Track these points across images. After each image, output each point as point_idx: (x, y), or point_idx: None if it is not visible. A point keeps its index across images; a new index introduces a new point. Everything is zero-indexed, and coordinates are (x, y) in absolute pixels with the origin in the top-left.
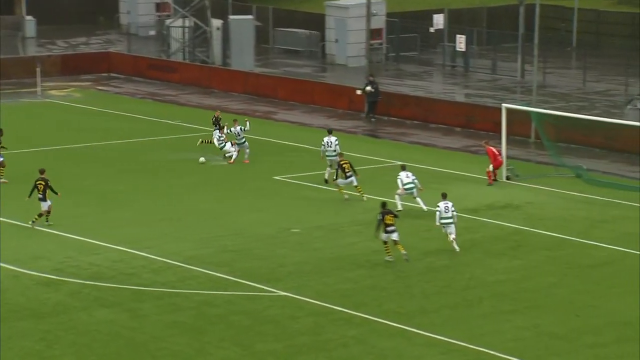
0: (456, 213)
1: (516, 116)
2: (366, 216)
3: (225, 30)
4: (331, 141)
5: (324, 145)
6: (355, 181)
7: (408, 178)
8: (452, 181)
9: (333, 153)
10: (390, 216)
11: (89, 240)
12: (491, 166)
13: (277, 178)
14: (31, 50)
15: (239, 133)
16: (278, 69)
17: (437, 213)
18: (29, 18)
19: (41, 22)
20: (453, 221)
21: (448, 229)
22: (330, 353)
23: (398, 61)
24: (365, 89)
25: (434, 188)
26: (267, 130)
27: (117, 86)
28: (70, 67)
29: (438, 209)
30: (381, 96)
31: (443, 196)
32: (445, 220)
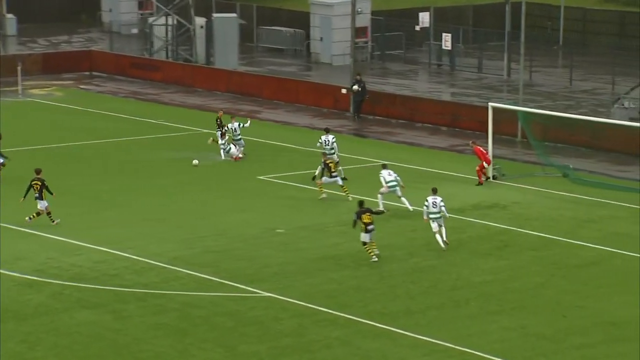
0: (445, 208)
1: (503, 115)
2: (351, 216)
3: (208, 28)
4: (328, 139)
5: (321, 143)
6: (340, 181)
7: (390, 176)
8: (439, 181)
9: (331, 151)
10: (367, 215)
11: (71, 240)
12: (484, 163)
13: (262, 178)
14: (12, 48)
15: (236, 129)
16: (262, 68)
17: (425, 208)
18: (10, 16)
19: (22, 20)
20: (441, 216)
21: (438, 222)
22: (314, 354)
23: (383, 60)
24: (352, 88)
25: (420, 188)
26: (251, 129)
27: (99, 85)
28: (51, 66)
29: (426, 204)
30: (368, 95)
31: (433, 191)
32: (433, 215)
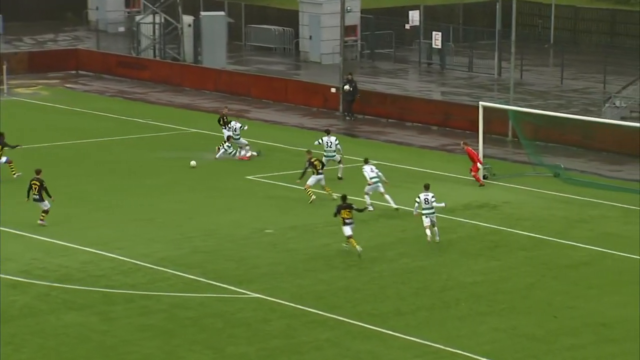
0: (436, 204)
1: (493, 114)
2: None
3: (196, 26)
4: (331, 141)
5: (320, 143)
6: (323, 180)
7: (372, 172)
8: (429, 180)
9: (333, 153)
10: (346, 211)
11: (57, 241)
12: (478, 164)
13: (250, 178)
14: None
15: (237, 129)
16: (251, 67)
17: (416, 204)
18: None
19: (7, 19)
20: (435, 212)
21: (430, 218)
22: (303, 356)
23: (373, 58)
24: (343, 88)
25: (411, 188)
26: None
27: (86, 84)
28: (37, 65)
29: (418, 200)
30: (359, 94)
31: (425, 187)
32: (426, 211)
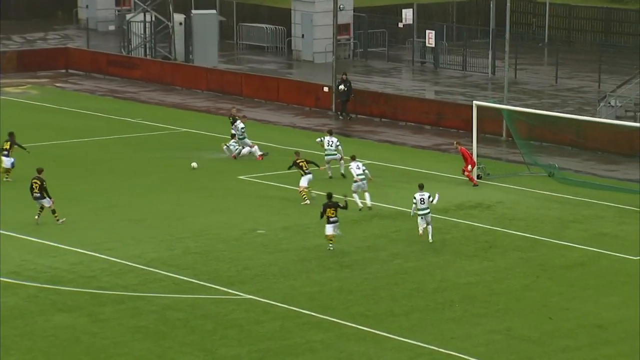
0: (434, 201)
1: (487, 114)
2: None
3: (187, 25)
4: (332, 141)
5: (321, 140)
6: (307, 181)
7: (359, 169)
8: (422, 180)
9: (334, 152)
10: (332, 209)
11: (47, 242)
12: (470, 166)
13: (242, 178)
14: None
15: (240, 129)
16: (243, 66)
17: (413, 205)
18: None
19: None
20: (429, 211)
21: (426, 219)
22: (296, 358)
23: (366, 57)
24: (338, 88)
25: (405, 188)
26: (231, 128)
27: (76, 83)
28: (26, 64)
29: (414, 200)
30: (353, 94)
31: (420, 187)
32: (421, 211)
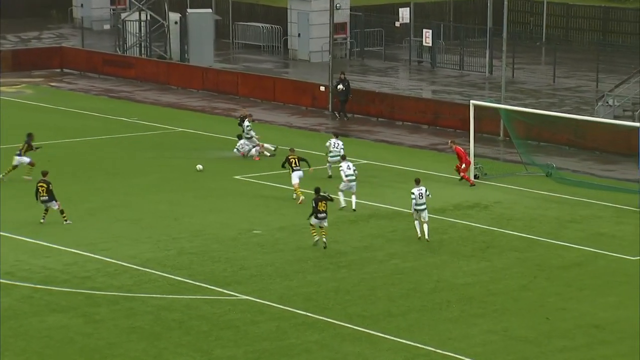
0: (430, 196)
1: (484, 113)
2: (329, 217)
3: (183, 24)
4: (338, 143)
5: (331, 144)
6: (298, 177)
7: (349, 169)
8: (421, 182)
9: (337, 154)
10: (323, 202)
11: (41, 242)
12: (464, 165)
13: (238, 178)
14: None
15: (245, 128)
16: (238, 65)
17: (413, 201)
18: None
19: None
20: (426, 207)
21: (422, 214)
22: (292, 359)
23: (363, 56)
24: (337, 87)
25: (401, 187)
26: (228, 128)
27: (71, 82)
28: (21, 63)
29: (413, 196)
30: (351, 95)
31: (416, 182)
32: (419, 206)
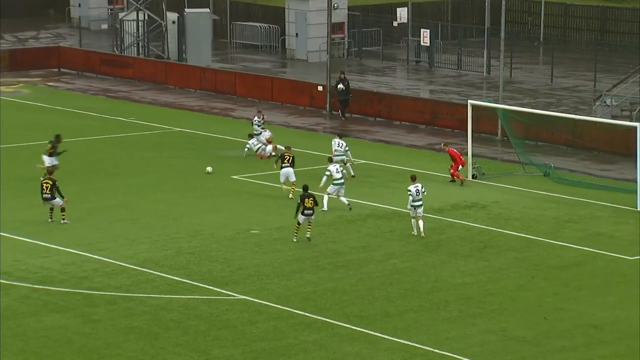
0: (426, 193)
1: (482, 113)
2: (326, 217)
3: (181, 24)
4: (342, 143)
5: (335, 145)
6: (293, 176)
7: (338, 173)
8: (417, 180)
9: (342, 154)
10: (310, 200)
11: (39, 242)
12: (460, 166)
13: (236, 177)
14: None
15: (257, 121)
16: (236, 64)
17: (410, 198)
18: None
19: None
20: (422, 204)
21: (418, 210)
22: (290, 359)
23: (360, 56)
24: (337, 87)
25: (398, 187)
26: (225, 127)
27: (68, 82)
28: (18, 63)
29: (410, 193)
30: (351, 94)
31: (412, 179)
32: (416, 203)
